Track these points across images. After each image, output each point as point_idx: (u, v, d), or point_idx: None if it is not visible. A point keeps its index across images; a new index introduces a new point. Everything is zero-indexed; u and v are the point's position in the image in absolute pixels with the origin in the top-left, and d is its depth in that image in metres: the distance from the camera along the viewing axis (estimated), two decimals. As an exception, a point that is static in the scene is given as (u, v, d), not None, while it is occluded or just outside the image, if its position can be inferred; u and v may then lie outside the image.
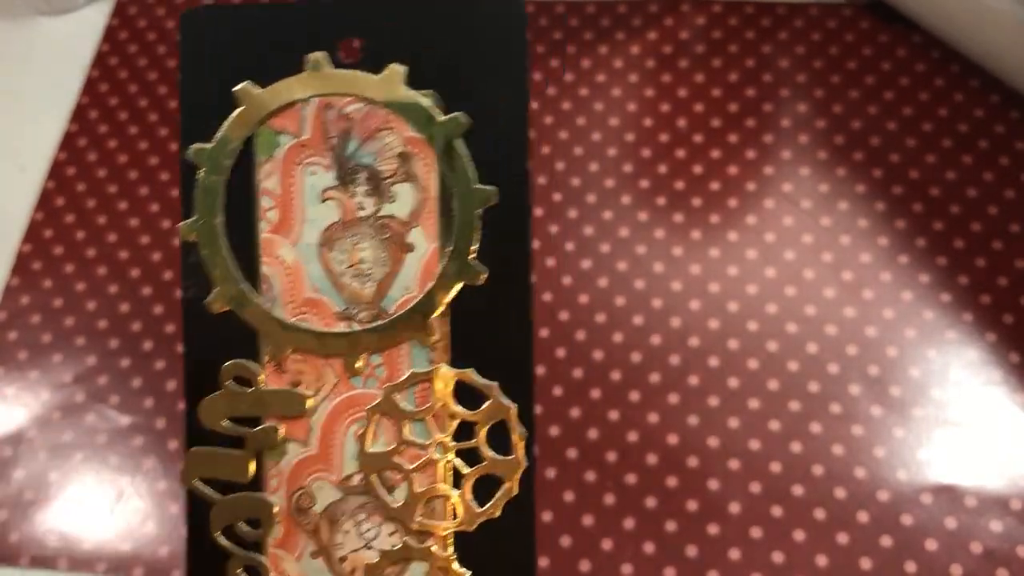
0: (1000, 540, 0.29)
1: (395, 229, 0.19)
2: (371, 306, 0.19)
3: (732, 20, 0.41)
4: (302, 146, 0.19)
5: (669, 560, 0.29)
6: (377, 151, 0.19)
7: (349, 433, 0.19)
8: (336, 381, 0.19)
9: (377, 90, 0.19)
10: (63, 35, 0.43)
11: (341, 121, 0.19)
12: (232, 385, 0.19)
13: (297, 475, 0.19)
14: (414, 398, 0.19)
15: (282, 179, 0.19)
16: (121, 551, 0.30)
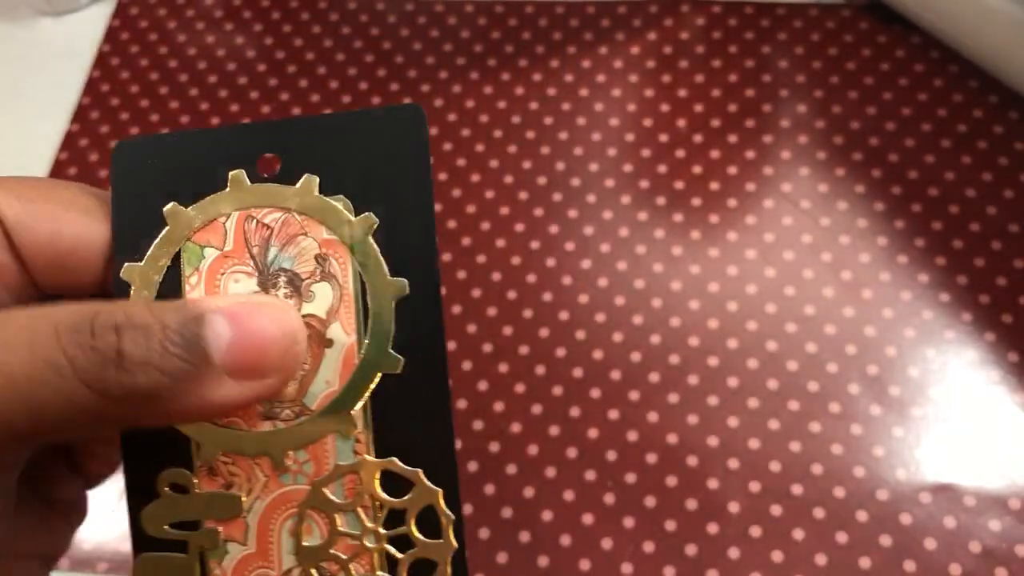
0: (999, 539, 0.29)
1: (315, 327, 0.20)
2: (294, 403, 0.20)
3: (732, 21, 0.41)
4: (225, 257, 0.20)
5: (669, 559, 0.29)
6: (295, 255, 0.20)
7: (284, 528, 0.20)
8: (266, 480, 0.20)
9: (293, 199, 0.20)
10: (64, 35, 0.43)
11: (261, 230, 0.20)
12: (169, 492, 0.20)
13: (240, 573, 0.20)
14: (343, 490, 0.20)
15: (207, 289, 0.20)
16: (122, 551, 0.30)
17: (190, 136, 0.22)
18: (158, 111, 0.40)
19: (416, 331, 0.20)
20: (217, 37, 0.42)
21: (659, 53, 0.40)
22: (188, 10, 0.43)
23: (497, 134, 0.38)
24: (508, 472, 0.31)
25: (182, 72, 0.41)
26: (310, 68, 0.41)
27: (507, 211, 0.36)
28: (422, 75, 0.40)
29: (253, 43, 0.42)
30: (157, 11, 0.43)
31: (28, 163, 0.39)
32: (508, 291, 0.34)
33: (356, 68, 0.41)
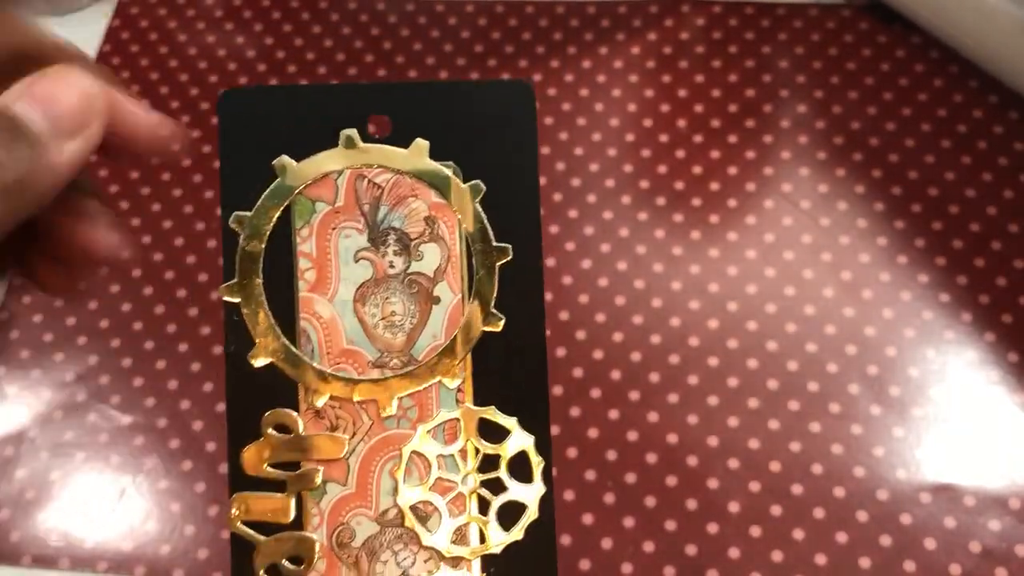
0: (999, 539, 0.29)
1: (423, 284, 0.21)
2: (402, 354, 0.21)
3: (732, 21, 0.41)
4: (336, 212, 0.21)
5: (669, 559, 0.29)
6: (405, 215, 0.21)
7: (384, 471, 0.21)
8: (371, 424, 0.21)
9: (404, 162, 0.21)
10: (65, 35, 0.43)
11: (372, 189, 0.21)
12: (272, 432, 0.21)
13: (337, 512, 0.21)
14: (444, 435, 0.21)
15: (318, 243, 0.21)
16: (122, 550, 0.31)
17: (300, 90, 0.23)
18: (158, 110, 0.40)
19: (517, 293, 0.21)
20: (217, 37, 0.42)
21: (659, 53, 0.40)
22: (188, 10, 0.43)
23: (497, 134, 0.38)
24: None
25: (182, 72, 0.41)
26: (310, 68, 0.41)
27: (507, 211, 0.36)
28: (422, 75, 0.40)
29: (253, 43, 0.42)
30: (157, 11, 0.43)
31: (28, 163, 0.39)
32: (508, 291, 0.34)
33: (356, 68, 0.41)
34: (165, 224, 0.37)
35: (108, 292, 0.36)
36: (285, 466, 0.21)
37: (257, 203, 0.21)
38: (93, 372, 0.34)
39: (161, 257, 0.36)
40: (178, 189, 0.38)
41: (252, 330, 0.21)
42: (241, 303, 0.21)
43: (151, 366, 0.34)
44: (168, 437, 0.32)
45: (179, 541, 0.30)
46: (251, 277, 0.21)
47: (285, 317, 0.21)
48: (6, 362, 0.35)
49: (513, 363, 0.21)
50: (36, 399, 0.34)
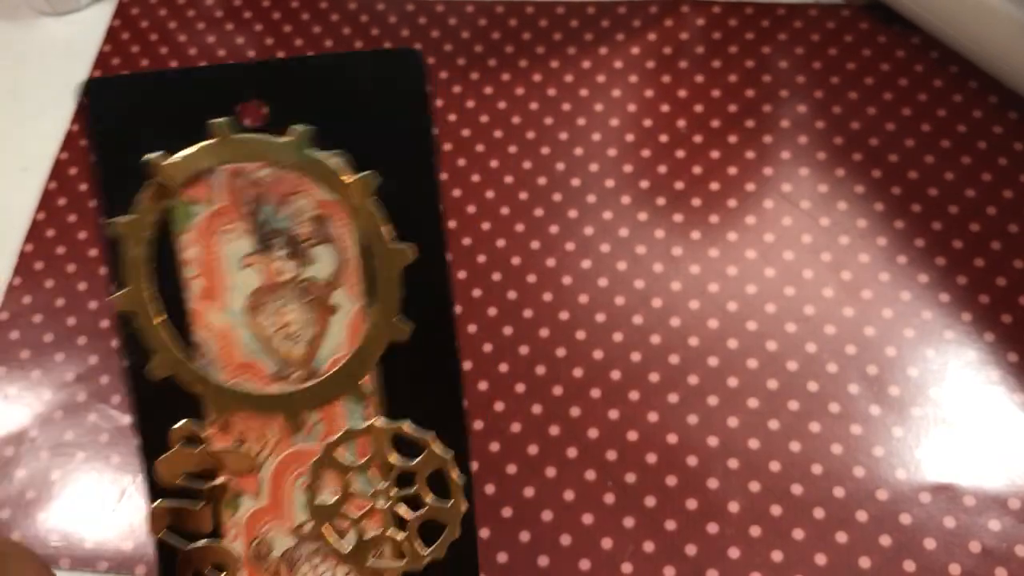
0: (998, 539, 0.29)
1: (318, 291, 0.19)
2: (303, 366, 0.19)
3: (732, 21, 0.41)
4: (217, 215, 0.19)
5: (669, 559, 0.29)
6: (291, 215, 0.19)
7: (297, 485, 0.20)
8: (279, 438, 0.20)
9: (284, 154, 0.19)
10: (65, 35, 0.43)
11: (253, 187, 0.19)
12: (183, 445, 0.20)
13: (252, 525, 0.20)
14: (356, 450, 0.20)
15: (202, 248, 0.19)
16: (123, 550, 0.31)
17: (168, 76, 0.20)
18: (159, 111, 0.40)
19: (424, 297, 0.19)
20: (218, 37, 0.42)
21: (659, 53, 0.40)
22: (189, 10, 0.43)
23: (497, 134, 0.38)
24: (508, 472, 0.31)
25: (183, 72, 0.41)
26: (310, 68, 0.41)
27: (507, 211, 0.36)
28: (422, 75, 0.40)
29: (254, 43, 0.42)
30: (158, 11, 0.43)
31: (29, 163, 0.39)
32: (508, 291, 0.34)
33: (356, 68, 0.41)
34: (165, 224, 0.37)
35: (108, 292, 0.36)
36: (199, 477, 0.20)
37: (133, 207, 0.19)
38: (93, 372, 0.34)
39: (161, 257, 0.36)
40: (178, 189, 0.38)
41: (147, 343, 0.19)
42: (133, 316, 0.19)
43: (151, 366, 0.34)
44: (168, 437, 0.32)
45: (179, 541, 0.31)
46: (139, 287, 0.19)
47: (182, 328, 0.19)
48: (6, 362, 0.35)
49: (424, 374, 0.20)
50: (36, 399, 0.34)
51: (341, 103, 0.19)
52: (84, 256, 0.37)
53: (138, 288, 0.19)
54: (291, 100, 0.19)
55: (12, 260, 0.37)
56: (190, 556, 0.20)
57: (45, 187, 0.38)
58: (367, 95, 0.19)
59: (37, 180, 0.39)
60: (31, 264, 0.37)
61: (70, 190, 0.38)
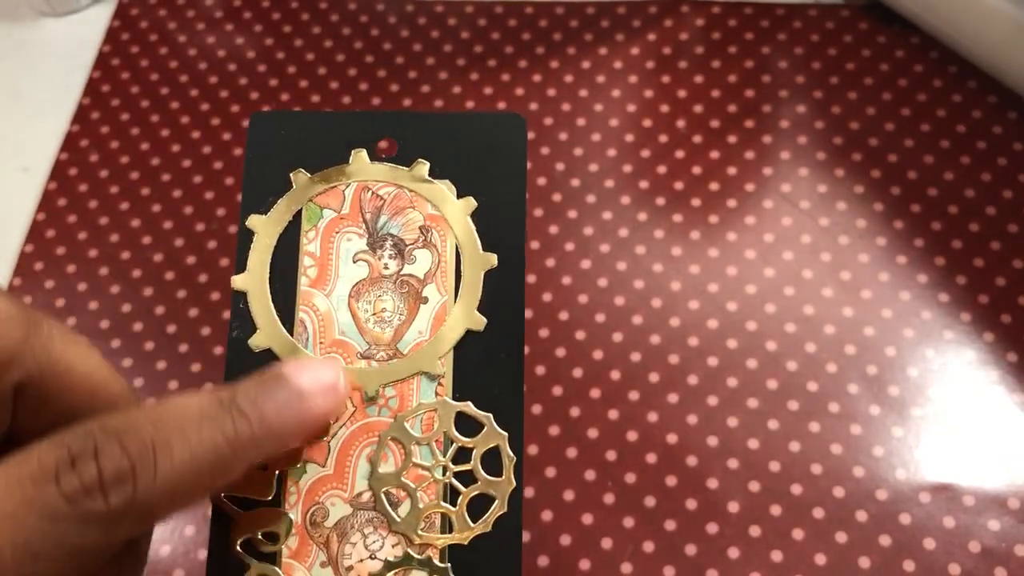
0: (998, 539, 0.29)
1: (413, 285, 0.23)
2: (388, 347, 0.23)
3: (731, 21, 0.41)
4: (341, 219, 0.24)
5: (668, 559, 0.29)
6: (403, 224, 0.24)
7: (362, 456, 0.22)
8: (354, 410, 0.22)
9: (406, 178, 0.24)
10: (65, 36, 0.43)
11: (375, 200, 0.24)
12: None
13: (313, 492, 0.22)
14: (421, 425, 0.22)
15: (322, 244, 0.24)
16: (123, 550, 0.31)
17: (319, 115, 0.26)
18: (159, 111, 0.40)
19: (499, 298, 0.23)
20: (217, 38, 0.42)
21: (659, 54, 0.40)
22: (188, 10, 0.43)
23: (497, 134, 0.38)
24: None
25: (182, 72, 0.41)
26: (310, 68, 0.41)
27: (507, 211, 0.36)
28: (422, 76, 0.40)
29: (253, 43, 0.42)
30: (157, 11, 0.43)
31: (29, 163, 0.39)
32: (508, 291, 0.34)
33: (356, 68, 0.41)
34: (165, 225, 0.37)
35: (108, 292, 0.36)
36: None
37: (272, 207, 0.24)
38: (93, 372, 0.34)
39: (161, 258, 0.36)
40: (178, 190, 0.38)
41: (255, 318, 0.23)
42: (248, 294, 0.23)
43: (151, 366, 0.34)
44: (168, 437, 0.32)
45: (179, 541, 0.30)
46: (259, 271, 0.23)
47: (286, 308, 0.23)
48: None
49: (492, 362, 0.23)
50: (36, 399, 0.34)
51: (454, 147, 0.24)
52: (84, 256, 0.37)
53: (260, 272, 0.23)
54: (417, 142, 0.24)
55: (12, 260, 0.37)
56: (243, 522, 0.22)
57: (45, 187, 0.38)
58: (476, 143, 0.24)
59: (37, 180, 0.39)
60: (31, 264, 0.37)
61: (70, 190, 0.38)
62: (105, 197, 0.38)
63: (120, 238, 0.37)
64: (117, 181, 0.38)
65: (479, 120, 0.25)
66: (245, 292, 0.23)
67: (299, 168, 0.24)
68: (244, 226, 0.24)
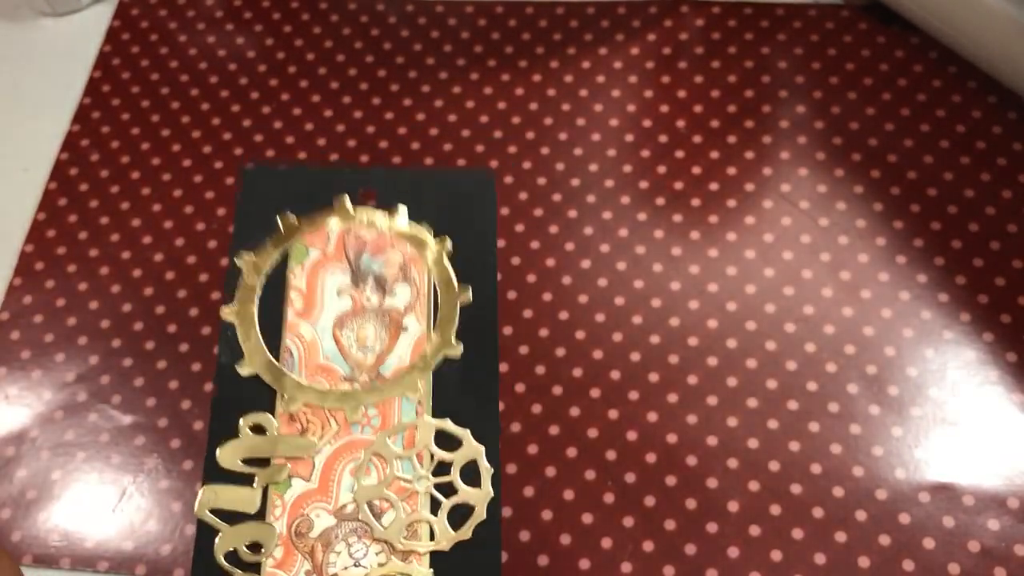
0: (997, 539, 0.29)
1: (394, 316, 0.25)
2: (371, 371, 0.24)
3: (731, 21, 0.41)
4: (327, 258, 0.25)
5: (668, 558, 0.30)
6: (384, 262, 0.25)
7: (346, 470, 0.23)
8: (338, 428, 0.23)
9: (386, 222, 0.26)
10: (65, 36, 0.43)
11: (358, 242, 0.26)
12: (249, 432, 0.24)
13: (298, 505, 0.23)
14: (403, 442, 0.24)
15: (308, 279, 0.25)
16: (123, 550, 0.31)
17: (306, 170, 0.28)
18: (159, 111, 0.40)
19: (475, 327, 0.25)
20: (218, 37, 0.42)
21: (658, 54, 0.40)
22: (189, 10, 0.43)
23: (497, 135, 0.38)
24: (508, 472, 0.31)
25: (183, 72, 0.41)
26: (311, 68, 0.41)
27: (507, 211, 0.36)
28: (422, 76, 0.40)
29: (254, 43, 0.42)
30: (158, 11, 0.43)
31: (29, 163, 0.39)
32: (508, 291, 0.34)
33: (356, 69, 0.41)
34: (166, 224, 0.37)
35: (108, 292, 0.36)
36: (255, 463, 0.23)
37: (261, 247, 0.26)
38: (94, 372, 0.34)
39: (161, 257, 0.36)
40: (178, 190, 0.38)
41: (243, 346, 0.24)
42: (236, 323, 0.25)
43: (151, 366, 0.34)
44: (169, 437, 0.32)
45: (180, 541, 0.31)
46: (248, 304, 0.25)
47: (273, 337, 0.24)
48: (7, 363, 0.35)
49: (468, 384, 0.25)
50: (37, 399, 0.34)
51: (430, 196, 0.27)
52: (84, 256, 0.37)
53: (248, 304, 0.25)
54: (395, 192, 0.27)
55: (12, 260, 0.37)
56: (229, 535, 0.23)
57: (45, 187, 0.38)
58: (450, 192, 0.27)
59: (37, 180, 0.39)
60: (31, 264, 0.37)
61: (70, 190, 0.38)
62: (105, 197, 0.38)
63: (120, 238, 0.37)
64: (117, 181, 0.38)
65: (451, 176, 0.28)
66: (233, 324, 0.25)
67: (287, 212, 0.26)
68: (233, 263, 0.25)
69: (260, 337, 0.24)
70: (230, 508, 0.23)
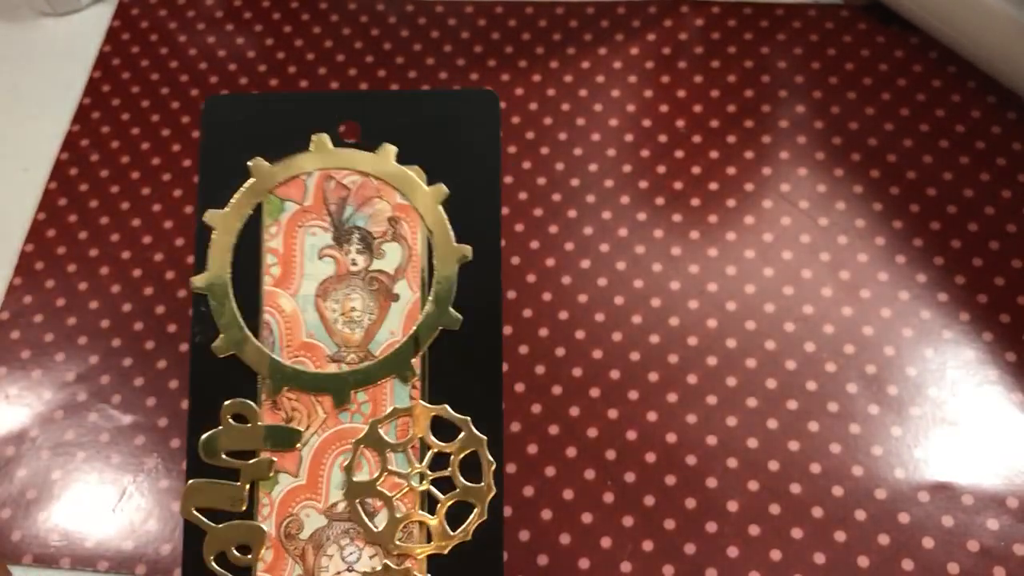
0: (997, 538, 0.29)
1: (383, 282, 0.22)
2: (359, 349, 0.21)
3: (731, 21, 0.41)
4: (304, 211, 0.22)
5: (668, 558, 0.30)
6: (370, 215, 0.22)
7: (335, 465, 0.21)
8: (325, 417, 0.21)
9: (371, 165, 0.22)
10: (65, 36, 0.43)
11: (339, 190, 0.22)
12: (231, 422, 0.21)
13: (287, 504, 0.21)
14: (396, 431, 0.21)
15: (285, 240, 0.22)
16: (123, 549, 0.31)
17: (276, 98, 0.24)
18: (159, 111, 0.40)
19: (475, 293, 0.22)
20: (218, 38, 0.42)
21: (658, 54, 0.40)
22: (189, 10, 0.43)
23: (497, 134, 0.38)
24: (508, 471, 0.31)
25: (183, 72, 0.41)
26: (310, 68, 0.41)
27: (507, 211, 0.36)
28: (422, 76, 0.40)
29: (254, 43, 0.42)
30: (158, 11, 0.43)
31: (29, 163, 0.39)
32: (508, 291, 0.34)
33: (356, 69, 0.41)
34: (166, 224, 0.37)
35: (108, 292, 0.36)
36: (240, 455, 0.21)
37: (230, 201, 0.22)
38: (94, 372, 0.34)
39: (161, 257, 0.36)
40: (179, 190, 0.38)
41: (217, 321, 0.21)
42: (209, 295, 0.22)
43: (151, 366, 0.34)
44: (169, 437, 0.32)
45: (179, 541, 0.31)
46: (221, 271, 0.22)
47: (250, 309, 0.22)
48: (7, 362, 0.35)
49: (468, 362, 0.22)
50: (37, 399, 0.34)
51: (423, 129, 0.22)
52: (84, 256, 0.37)
53: (221, 272, 0.22)
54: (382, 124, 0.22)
55: (13, 260, 0.37)
56: (216, 536, 0.21)
57: (45, 187, 0.38)
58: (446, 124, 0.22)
59: (37, 180, 0.39)
60: (32, 264, 0.37)
61: (70, 190, 0.38)
62: (105, 197, 0.38)
63: (120, 238, 0.37)
64: (117, 181, 0.38)
65: (448, 98, 0.23)
66: (206, 294, 0.22)
67: (257, 156, 0.22)
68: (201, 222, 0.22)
69: (236, 311, 0.21)
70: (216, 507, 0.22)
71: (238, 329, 0.21)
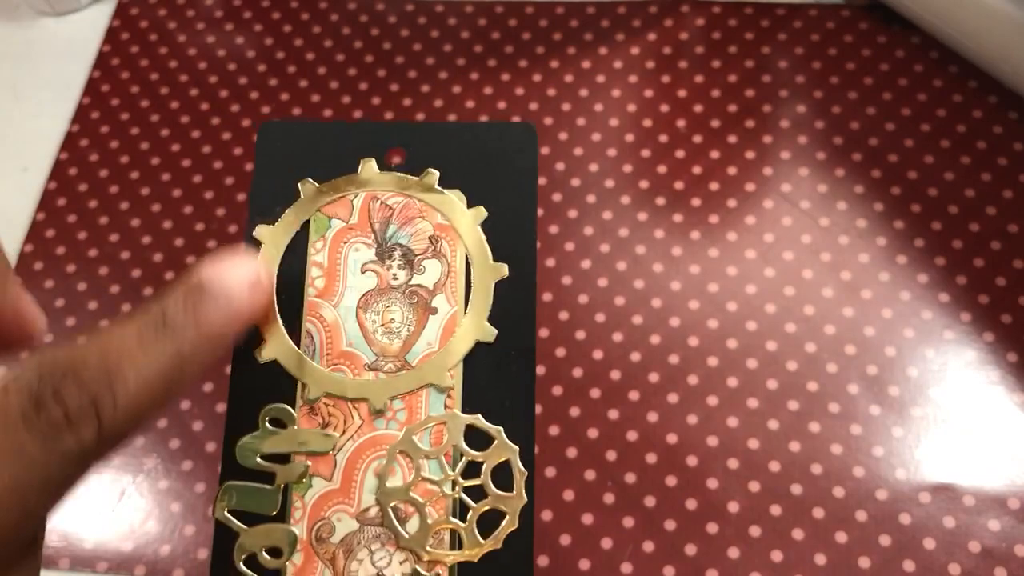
0: (998, 539, 0.29)
1: (422, 296, 0.23)
2: (397, 359, 0.22)
3: (731, 21, 0.41)
4: (349, 229, 0.23)
5: (668, 558, 0.29)
6: (411, 234, 0.23)
7: (369, 470, 0.22)
8: (361, 423, 0.22)
9: (415, 188, 0.24)
10: (65, 36, 0.43)
11: (384, 210, 0.24)
12: (268, 425, 0.22)
13: (319, 507, 0.22)
14: (430, 439, 0.22)
15: (330, 254, 0.23)
16: (123, 550, 0.31)
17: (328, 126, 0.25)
18: (158, 111, 0.40)
19: (511, 309, 0.23)
20: (217, 37, 0.42)
21: (659, 53, 0.40)
22: (188, 10, 0.43)
23: (497, 134, 0.38)
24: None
25: (182, 72, 0.41)
26: (310, 68, 0.41)
27: (507, 211, 0.36)
28: (422, 75, 0.40)
29: (253, 43, 0.42)
30: (157, 11, 0.43)
31: (29, 163, 0.39)
32: (508, 291, 0.34)
33: (356, 68, 0.41)
34: (165, 224, 0.37)
35: (108, 292, 0.36)
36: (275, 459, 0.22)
37: (280, 218, 0.23)
38: (93, 372, 0.34)
39: (161, 257, 0.36)
40: (178, 190, 0.38)
41: (261, 328, 0.22)
42: None
43: (151, 366, 0.34)
44: (168, 437, 0.32)
45: (179, 541, 0.30)
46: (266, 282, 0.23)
47: (292, 318, 0.23)
48: (7, 362, 0.35)
49: (502, 374, 0.22)
50: (36, 399, 0.34)
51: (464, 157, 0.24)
52: (84, 256, 0.37)
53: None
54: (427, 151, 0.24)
55: (12, 260, 0.37)
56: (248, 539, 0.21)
57: (45, 187, 0.38)
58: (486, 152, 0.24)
59: (37, 180, 0.39)
60: (31, 264, 0.37)
61: (70, 190, 0.38)
62: (105, 197, 0.38)
63: (120, 238, 0.37)
64: (117, 181, 0.38)
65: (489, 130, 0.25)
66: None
67: (307, 178, 0.24)
68: (250, 235, 0.23)
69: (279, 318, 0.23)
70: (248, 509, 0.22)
71: (280, 337, 0.22)
